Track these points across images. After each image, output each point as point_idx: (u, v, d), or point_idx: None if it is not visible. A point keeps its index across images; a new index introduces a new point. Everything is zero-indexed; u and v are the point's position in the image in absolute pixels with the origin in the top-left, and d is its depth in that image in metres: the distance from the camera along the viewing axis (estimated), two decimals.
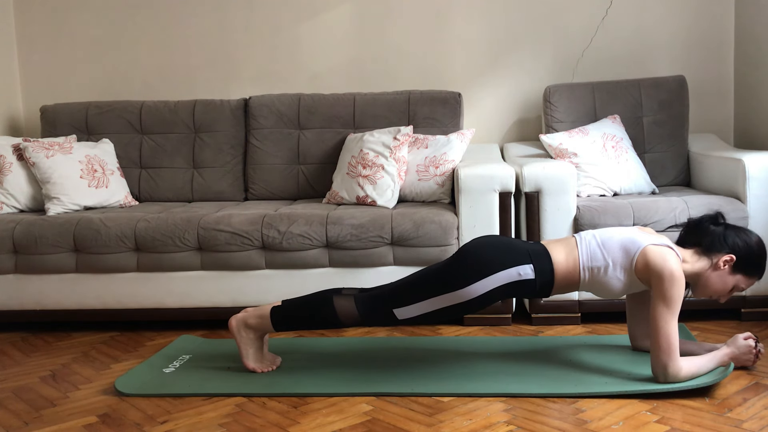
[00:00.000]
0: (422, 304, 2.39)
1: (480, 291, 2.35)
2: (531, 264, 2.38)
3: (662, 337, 2.27)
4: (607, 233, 2.45)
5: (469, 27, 4.03)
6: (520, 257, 2.39)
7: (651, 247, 2.35)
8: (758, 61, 3.68)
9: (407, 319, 2.42)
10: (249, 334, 2.58)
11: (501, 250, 2.42)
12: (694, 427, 2.06)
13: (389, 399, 2.34)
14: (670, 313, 2.27)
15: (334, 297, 2.48)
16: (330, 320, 2.49)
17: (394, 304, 2.42)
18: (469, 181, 3.10)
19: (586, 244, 2.43)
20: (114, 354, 2.95)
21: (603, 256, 2.39)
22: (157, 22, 4.16)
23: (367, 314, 2.46)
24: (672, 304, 2.27)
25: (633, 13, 3.94)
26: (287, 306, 2.55)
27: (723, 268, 2.38)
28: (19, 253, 3.21)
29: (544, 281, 2.40)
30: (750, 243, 2.40)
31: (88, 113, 3.92)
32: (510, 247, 2.43)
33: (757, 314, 3.09)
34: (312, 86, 4.05)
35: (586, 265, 2.40)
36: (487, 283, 2.35)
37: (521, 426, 2.11)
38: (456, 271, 2.39)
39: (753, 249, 2.40)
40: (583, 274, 2.41)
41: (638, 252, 2.35)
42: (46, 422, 2.27)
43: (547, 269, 2.39)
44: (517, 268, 2.37)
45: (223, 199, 3.79)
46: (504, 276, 2.36)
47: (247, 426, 2.18)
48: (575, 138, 3.43)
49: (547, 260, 2.40)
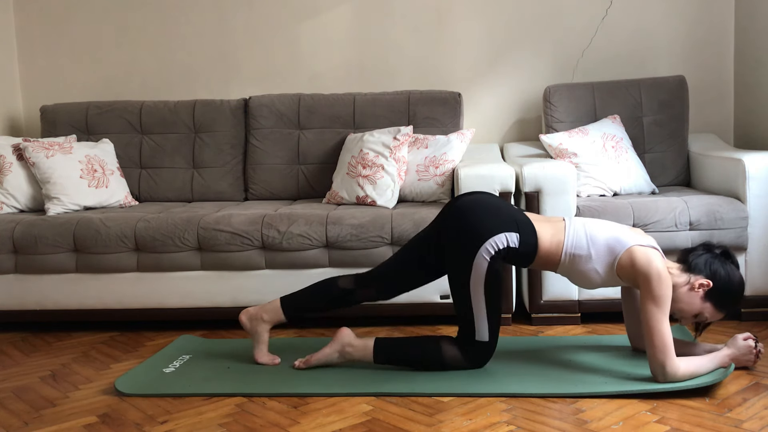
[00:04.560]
0: (479, 317, 2.45)
1: (482, 263, 2.40)
2: (517, 233, 2.43)
3: (656, 337, 2.28)
4: (597, 226, 2.48)
5: (469, 27, 4.03)
6: (508, 224, 2.43)
7: (637, 247, 2.38)
8: (758, 61, 3.68)
9: (487, 337, 2.48)
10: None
11: (492, 216, 2.46)
12: (694, 427, 2.06)
13: (389, 399, 2.34)
14: (660, 312, 2.29)
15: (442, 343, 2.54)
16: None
17: (469, 338, 2.48)
18: (469, 181, 3.10)
19: (574, 230, 2.46)
20: (114, 354, 2.95)
21: (587, 246, 2.42)
22: (157, 22, 4.16)
23: (474, 360, 2.52)
24: (661, 303, 2.29)
25: (633, 13, 3.94)
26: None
27: (697, 290, 2.37)
28: (19, 253, 3.21)
29: (526, 252, 2.45)
30: (732, 277, 2.39)
31: (88, 113, 3.92)
32: (498, 214, 2.47)
33: (757, 314, 3.09)
34: (312, 86, 4.05)
35: (569, 250, 2.44)
36: (482, 251, 2.40)
37: (521, 426, 2.11)
38: (455, 256, 2.46)
39: (732, 283, 2.39)
40: (564, 258, 2.45)
41: (623, 251, 2.38)
42: (46, 422, 2.27)
43: (532, 242, 2.44)
44: (507, 233, 2.42)
45: (223, 199, 3.79)
46: (494, 243, 2.40)
47: (247, 426, 2.18)
48: (575, 138, 3.43)
49: (532, 233, 2.45)
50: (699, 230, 3.02)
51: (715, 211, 3.03)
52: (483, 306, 2.44)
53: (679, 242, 3.02)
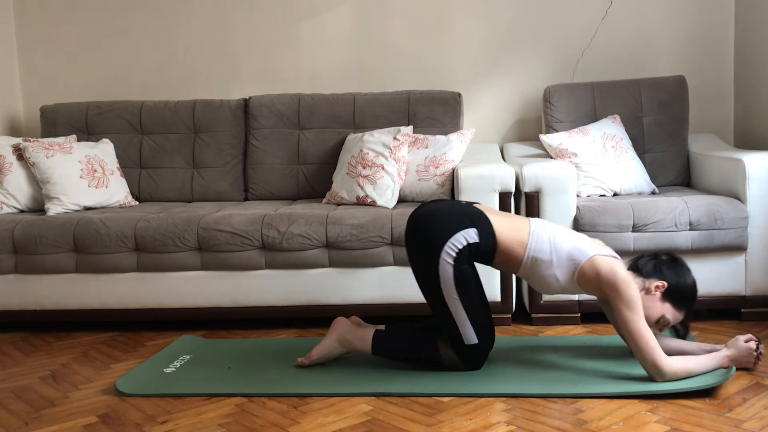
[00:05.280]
0: (462, 323, 2.45)
1: (447, 269, 2.41)
2: (474, 228, 2.44)
3: (639, 339, 2.31)
4: (560, 234, 2.49)
5: (469, 27, 4.03)
6: (463, 222, 2.44)
7: (599, 257, 2.42)
8: (758, 61, 3.68)
9: (475, 339, 2.48)
10: (339, 349, 2.61)
11: (445, 219, 2.46)
12: (694, 427, 2.06)
13: (389, 399, 2.34)
14: (635, 314, 2.32)
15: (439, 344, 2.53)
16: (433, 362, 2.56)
17: (459, 344, 2.48)
18: (469, 181, 3.10)
19: (538, 234, 2.47)
20: (114, 354, 2.95)
21: (549, 252, 2.45)
22: (157, 22, 4.16)
23: (469, 363, 2.52)
24: (634, 305, 2.33)
25: (633, 13, 3.94)
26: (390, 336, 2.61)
27: (654, 293, 2.42)
28: (19, 253, 3.21)
29: (487, 245, 2.45)
30: (683, 277, 2.46)
31: (88, 113, 3.92)
32: (450, 215, 2.48)
33: (757, 314, 3.09)
34: (312, 86, 4.05)
35: (531, 253, 2.46)
36: (444, 257, 2.40)
37: (521, 426, 2.11)
38: (421, 271, 2.48)
39: (685, 281, 2.45)
40: (526, 260, 2.47)
41: (585, 260, 2.42)
42: (46, 422, 2.27)
43: (490, 234, 2.46)
44: (464, 232, 2.42)
45: (223, 199, 3.79)
46: (453, 244, 2.40)
47: (247, 426, 2.18)
48: (575, 138, 3.43)
49: (488, 225, 2.46)
50: (699, 230, 3.02)
51: (715, 211, 3.03)
52: (462, 311, 2.44)
53: (679, 242, 3.02)
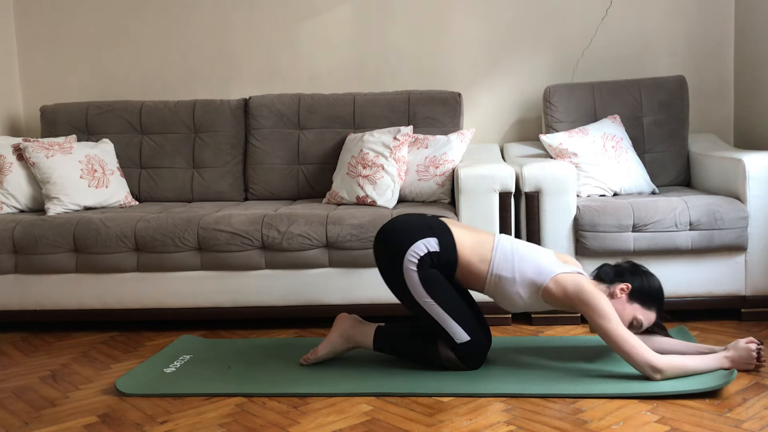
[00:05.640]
0: (446, 323, 2.46)
1: (412, 275, 2.43)
2: (434, 237, 2.46)
3: (623, 343, 2.33)
4: (525, 252, 2.51)
5: (469, 27, 4.03)
6: (423, 231, 2.47)
7: (563, 275, 2.44)
8: (758, 61, 3.68)
9: (466, 336, 2.48)
10: (344, 344, 2.63)
11: (405, 229, 2.51)
12: (694, 427, 2.06)
13: (389, 399, 2.34)
14: (611, 322, 2.35)
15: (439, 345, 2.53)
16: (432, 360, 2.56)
17: (452, 344, 2.48)
18: (469, 181, 3.10)
19: (502, 252, 2.49)
20: (114, 354, 2.95)
21: (512, 269, 2.47)
22: (156, 22, 4.16)
23: (467, 361, 2.51)
24: (607, 314, 2.35)
25: (633, 13, 3.94)
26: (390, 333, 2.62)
27: (620, 296, 2.45)
28: (19, 253, 3.21)
29: (449, 258, 2.47)
30: (647, 277, 2.50)
31: (88, 113, 3.92)
32: (410, 225, 2.52)
33: (757, 314, 3.09)
34: (312, 86, 4.05)
35: (494, 270, 2.48)
36: (407, 264, 2.43)
37: (521, 426, 2.11)
38: (391, 281, 2.52)
39: (648, 280, 2.49)
40: (489, 278, 2.49)
41: (549, 278, 2.44)
42: (46, 422, 2.27)
43: (450, 244, 2.48)
44: (425, 240, 2.45)
45: (223, 199, 3.79)
46: (414, 251, 2.43)
47: (247, 426, 2.18)
48: (575, 138, 3.43)
49: (449, 235, 2.49)
50: (699, 230, 3.02)
51: (715, 211, 3.02)
52: (442, 312, 2.46)
53: (679, 242, 3.02)
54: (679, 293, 3.08)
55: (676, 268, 3.06)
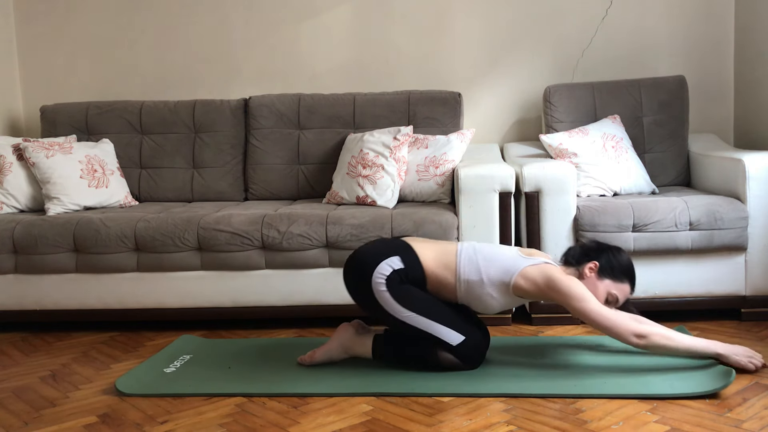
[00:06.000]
0: (434, 330, 2.46)
1: (383, 294, 2.46)
2: (396, 255, 2.48)
3: (603, 320, 2.35)
4: (488, 252, 2.53)
5: (469, 27, 4.03)
6: (384, 252, 2.50)
7: (529, 268, 2.46)
8: (758, 61, 3.68)
9: (460, 337, 2.48)
10: (342, 354, 2.63)
11: (367, 254, 2.53)
12: (694, 427, 2.06)
13: (389, 399, 2.34)
14: (588, 302, 2.37)
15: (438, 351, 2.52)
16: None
17: (446, 344, 2.48)
18: (469, 181, 3.10)
19: (466, 257, 2.51)
20: (114, 354, 2.95)
21: (479, 272, 2.48)
22: (157, 22, 4.16)
23: (467, 360, 2.51)
24: (581, 295, 2.38)
25: (633, 13, 3.95)
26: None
27: (589, 275, 2.49)
28: (19, 253, 3.21)
29: (416, 273, 2.49)
30: (613, 252, 2.51)
31: (88, 113, 3.92)
32: (372, 249, 2.55)
33: (757, 314, 3.09)
34: (312, 86, 4.05)
35: (462, 277, 2.49)
36: (376, 286, 2.45)
37: (521, 426, 2.11)
38: (368, 306, 2.53)
39: (614, 254, 2.51)
40: (459, 285, 2.50)
41: (516, 273, 2.45)
42: (46, 422, 2.27)
43: (414, 260, 2.50)
44: (388, 260, 2.47)
45: (223, 199, 3.79)
46: (380, 273, 2.45)
47: (247, 426, 2.18)
48: (575, 138, 3.43)
49: (411, 251, 2.51)
50: (699, 230, 3.02)
51: (715, 211, 3.03)
52: (425, 320, 2.46)
53: (679, 242, 3.02)
54: (679, 293, 3.08)
55: (676, 268, 3.07)
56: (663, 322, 2.55)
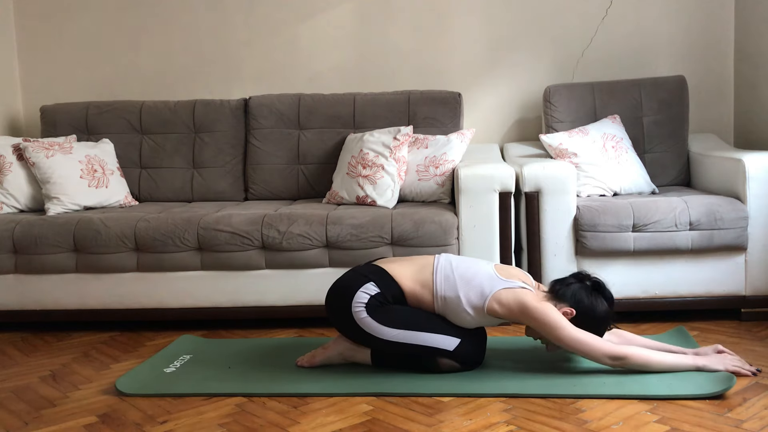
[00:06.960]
0: (428, 341, 2.46)
1: (367, 320, 2.46)
2: (371, 281, 2.49)
3: (580, 344, 2.37)
4: (464, 271, 2.52)
5: (468, 27, 4.03)
6: (358, 281, 2.50)
7: (503, 291, 2.45)
8: (758, 61, 3.68)
9: (455, 342, 2.48)
10: (341, 361, 2.63)
11: (342, 286, 2.54)
12: (694, 427, 2.06)
13: (389, 399, 2.34)
14: (562, 328, 2.38)
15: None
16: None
17: (443, 351, 2.48)
18: (469, 181, 3.10)
19: (443, 273, 2.51)
20: (114, 354, 2.95)
21: (455, 289, 2.48)
22: (157, 23, 4.16)
23: (467, 361, 2.52)
24: (556, 322, 2.38)
25: (633, 13, 3.94)
26: None
27: (561, 312, 2.44)
28: (19, 253, 3.21)
29: (394, 293, 2.50)
30: (595, 306, 2.45)
31: (88, 113, 3.92)
32: (346, 281, 2.55)
33: (757, 314, 3.09)
34: (312, 86, 4.05)
35: (439, 293, 2.49)
36: (356, 316, 2.46)
37: (521, 426, 2.11)
38: (356, 336, 2.53)
39: (595, 313, 2.45)
40: (437, 301, 2.50)
41: (491, 295, 2.45)
42: (46, 422, 2.27)
43: (390, 281, 2.51)
44: (363, 288, 2.47)
45: (223, 199, 3.79)
46: (358, 302, 2.46)
47: (247, 426, 2.18)
48: (575, 138, 3.43)
49: (386, 275, 2.52)
50: (699, 230, 3.02)
51: (715, 211, 3.03)
52: (415, 334, 2.46)
53: (679, 242, 3.02)
54: (679, 293, 3.08)
55: (676, 268, 3.07)
56: (663, 322, 2.55)
